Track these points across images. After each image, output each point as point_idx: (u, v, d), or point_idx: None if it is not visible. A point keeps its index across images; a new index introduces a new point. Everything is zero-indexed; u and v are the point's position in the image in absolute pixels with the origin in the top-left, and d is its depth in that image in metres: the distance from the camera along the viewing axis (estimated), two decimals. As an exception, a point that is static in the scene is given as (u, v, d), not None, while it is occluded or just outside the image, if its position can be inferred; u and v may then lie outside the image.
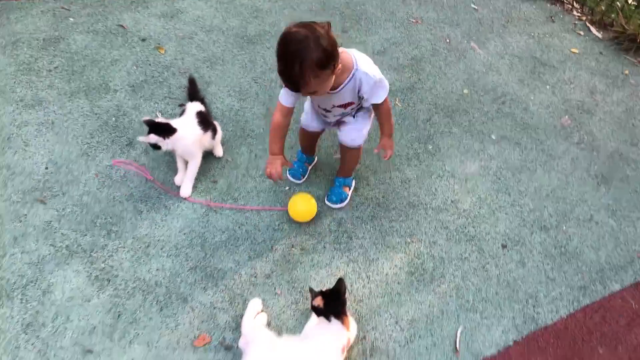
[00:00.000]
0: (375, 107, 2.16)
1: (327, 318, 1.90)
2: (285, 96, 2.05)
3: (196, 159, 2.38)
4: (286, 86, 1.92)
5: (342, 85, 2.02)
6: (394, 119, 2.32)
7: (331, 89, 1.99)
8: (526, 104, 2.98)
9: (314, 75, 1.82)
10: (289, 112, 2.10)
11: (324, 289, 1.96)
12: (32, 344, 1.92)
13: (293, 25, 1.82)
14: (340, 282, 1.94)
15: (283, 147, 2.18)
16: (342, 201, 2.43)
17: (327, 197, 2.44)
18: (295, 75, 1.81)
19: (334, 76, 1.90)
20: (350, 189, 2.48)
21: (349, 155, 2.36)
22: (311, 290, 1.98)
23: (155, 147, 2.27)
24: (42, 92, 2.68)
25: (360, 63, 2.01)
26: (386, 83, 2.09)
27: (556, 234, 2.45)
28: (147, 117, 2.26)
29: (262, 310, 2.06)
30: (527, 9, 3.69)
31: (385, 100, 2.12)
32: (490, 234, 2.42)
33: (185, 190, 2.38)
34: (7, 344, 1.92)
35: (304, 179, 2.53)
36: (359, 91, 2.07)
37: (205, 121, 2.40)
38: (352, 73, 2.00)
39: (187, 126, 2.33)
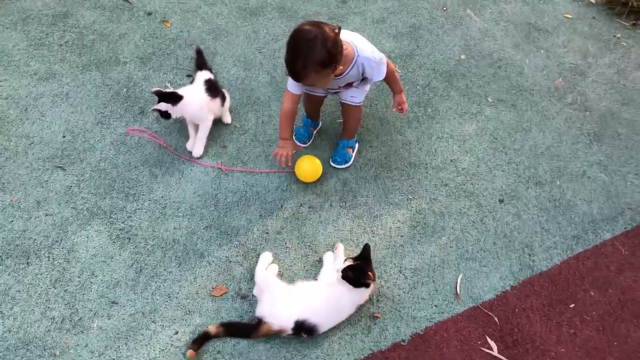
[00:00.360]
0: None
1: (367, 285, 2.03)
2: (292, 85, 2.22)
3: (206, 121, 2.48)
4: (289, 74, 2.09)
5: (346, 72, 2.19)
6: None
7: (335, 76, 2.16)
8: (521, 68, 3.08)
9: (315, 71, 2.01)
10: (297, 99, 2.28)
11: (352, 263, 2.04)
12: (61, 297, 2.06)
13: (306, 23, 2.02)
14: (367, 247, 2.08)
15: (293, 131, 2.40)
16: (346, 162, 2.55)
17: (332, 158, 2.56)
18: (298, 68, 2.01)
19: (333, 75, 2.09)
20: (353, 150, 2.59)
21: (350, 115, 2.47)
22: (353, 272, 2.01)
23: (166, 115, 2.38)
24: (55, 65, 2.78)
25: (361, 49, 2.19)
26: (384, 59, 2.28)
27: (550, 188, 2.57)
28: (156, 88, 2.37)
29: (272, 262, 2.20)
30: (522, -24, 3.76)
31: (387, 67, 2.27)
32: (487, 190, 2.54)
33: (198, 151, 2.49)
34: (38, 297, 2.06)
35: (310, 143, 2.64)
36: (362, 73, 2.24)
37: (213, 88, 2.51)
38: (354, 60, 2.18)
39: (193, 93, 2.45)
